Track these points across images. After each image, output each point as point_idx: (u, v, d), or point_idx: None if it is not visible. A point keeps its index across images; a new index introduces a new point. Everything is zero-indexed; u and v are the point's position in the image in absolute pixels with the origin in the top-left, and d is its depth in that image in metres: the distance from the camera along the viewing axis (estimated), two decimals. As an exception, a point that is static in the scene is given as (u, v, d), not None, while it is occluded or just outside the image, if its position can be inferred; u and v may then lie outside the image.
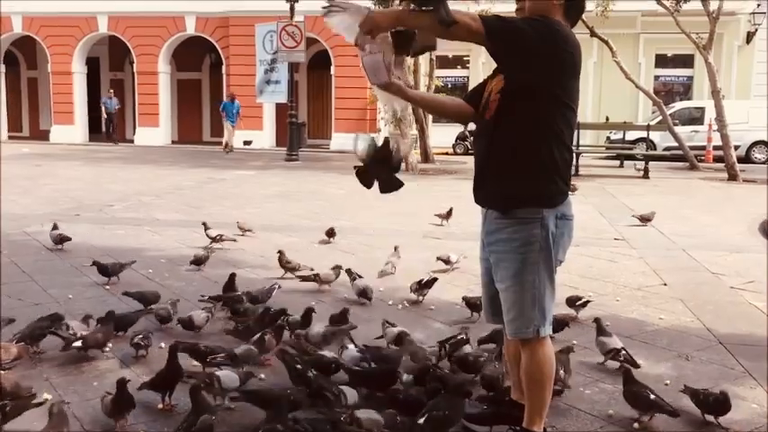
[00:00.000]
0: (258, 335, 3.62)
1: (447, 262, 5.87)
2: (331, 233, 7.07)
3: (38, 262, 5.94)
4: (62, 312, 4.03)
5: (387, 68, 2.50)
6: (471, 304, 4.43)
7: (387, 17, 2.43)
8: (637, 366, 3.49)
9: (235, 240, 6.82)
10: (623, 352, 3.60)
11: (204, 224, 6.92)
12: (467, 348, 3.58)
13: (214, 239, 6.73)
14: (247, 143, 22.30)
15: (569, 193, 2.63)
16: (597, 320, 3.84)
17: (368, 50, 2.46)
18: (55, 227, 6.67)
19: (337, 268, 5.25)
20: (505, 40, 2.37)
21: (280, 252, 5.65)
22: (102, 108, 24.79)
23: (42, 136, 26.20)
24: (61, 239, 6.48)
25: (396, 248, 5.79)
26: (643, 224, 8.26)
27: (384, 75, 2.51)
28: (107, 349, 3.75)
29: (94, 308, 4.33)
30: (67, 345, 3.59)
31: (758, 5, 21.91)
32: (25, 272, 5.56)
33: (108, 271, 5.25)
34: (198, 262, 5.81)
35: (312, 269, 5.47)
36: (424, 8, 2.29)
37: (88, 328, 3.86)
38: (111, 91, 25.45)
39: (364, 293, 4.81)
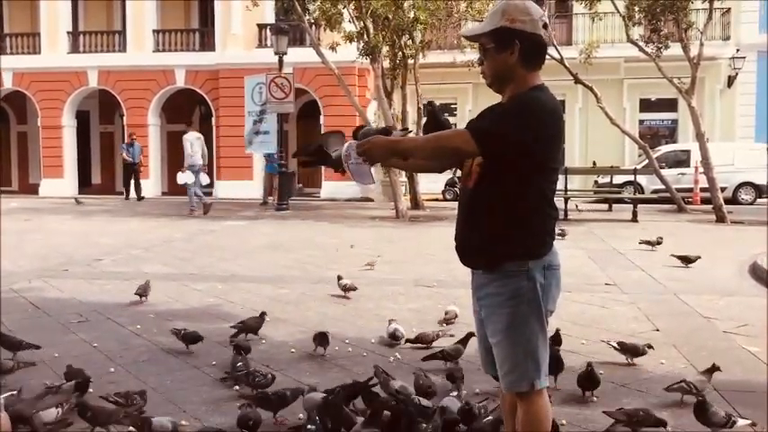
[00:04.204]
0: None
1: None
2: (348, 288, 6.64)
3: (24, 320, 5.87)
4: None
5: (370, 173, 2.72)
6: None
7: (383, 149, 2.55)
8: None
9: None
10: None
11: None
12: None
13: None
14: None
15: (555, 239, 2.62)
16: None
17: (354, 160, 2.64)
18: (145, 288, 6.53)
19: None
20: (493, 152, 2.44)
21: None
22: (123, 156, 22.15)
23: (32, 190, 26.15)
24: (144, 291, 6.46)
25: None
26: (685, 266, 8.33)
27: (369, 178, 2.72)
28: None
29: (82, 367, 4.23)
30: None
31: (737, 50, 22.42)
32: (12, 330, 5.46)
33: None
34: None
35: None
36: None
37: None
38: (134, 135, 22.38)
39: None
